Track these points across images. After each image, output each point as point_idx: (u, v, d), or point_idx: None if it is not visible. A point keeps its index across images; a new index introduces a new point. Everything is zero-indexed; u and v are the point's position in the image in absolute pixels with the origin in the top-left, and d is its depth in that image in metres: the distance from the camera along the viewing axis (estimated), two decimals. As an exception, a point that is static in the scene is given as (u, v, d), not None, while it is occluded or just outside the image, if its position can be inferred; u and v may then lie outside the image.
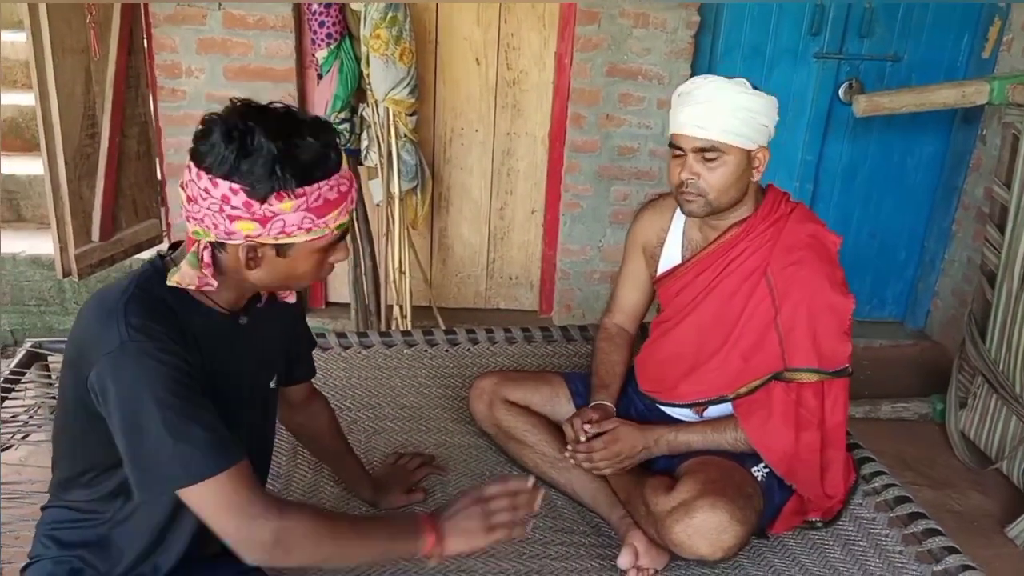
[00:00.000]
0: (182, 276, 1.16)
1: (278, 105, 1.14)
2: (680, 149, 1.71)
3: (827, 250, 1.76)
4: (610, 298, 2.12)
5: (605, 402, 1.89)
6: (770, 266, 1.74)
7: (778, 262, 1.74)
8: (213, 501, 1.13)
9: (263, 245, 1.14)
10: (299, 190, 1.09)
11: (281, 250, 1.15)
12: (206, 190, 1.09)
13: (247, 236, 1.11)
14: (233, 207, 1.09)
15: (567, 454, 1.84)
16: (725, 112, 1.66)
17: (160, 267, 1.21)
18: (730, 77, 1.71)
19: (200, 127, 1.12)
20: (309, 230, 1.13)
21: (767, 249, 1.76)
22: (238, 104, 1.12)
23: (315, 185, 1.11)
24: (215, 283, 1.18)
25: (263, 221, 1.10)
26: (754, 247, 1.77)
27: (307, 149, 1.10)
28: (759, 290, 1.75)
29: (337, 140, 1.16)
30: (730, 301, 1.78)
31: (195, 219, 1.13)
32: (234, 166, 1.08)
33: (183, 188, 1.15)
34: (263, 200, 1.09)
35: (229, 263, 1.18)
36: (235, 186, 1.08)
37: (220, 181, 1.08)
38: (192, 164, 1.12)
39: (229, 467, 1.13)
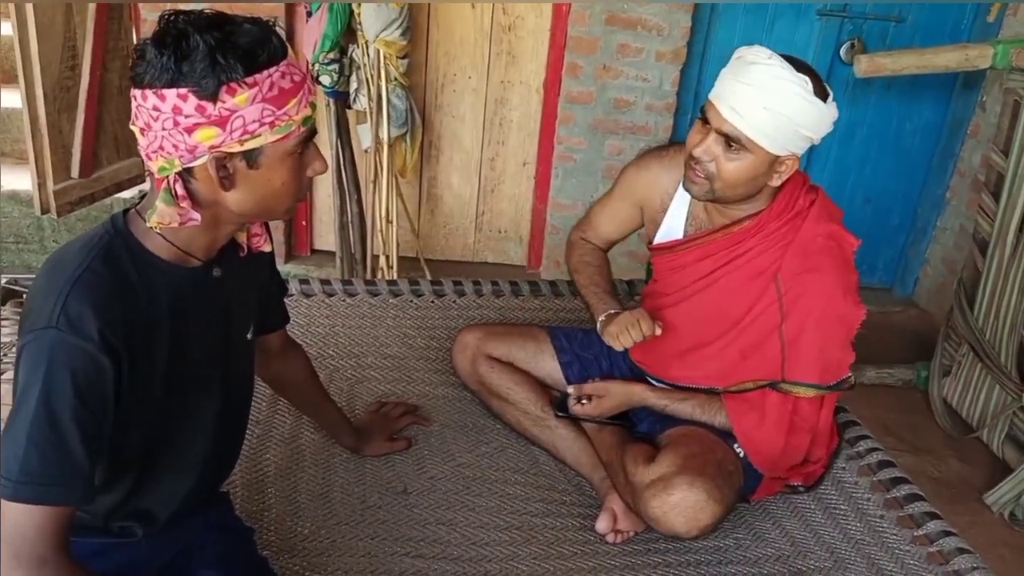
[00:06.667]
0: (160, 215, 1.09)
1: (206, 10, 1.08)
2: (707, 120, 1.55)
3: (844, 253, 1.64)
4: (585, 218, 2.01)
5: (615, 310, 1.76)
6: (782, 270, 1.63)
7: (791, 267, 1.62)
8: (8, 524, 1.04)
9: (231, 156, 1.08)
10: (249, 79, 1.04)
11: (251, 160, 1.09)
12: (155, 107, 1.03)
13: (211, 147, 1.05)
14: (187, 116, 1.03)
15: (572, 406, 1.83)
16: (767, 109, 1.48)
17: (122, 227, 1.14)
18: (799, 66, 1.48)
19: (133, 58, 1.06)
20: (273, 125, 1.07)
21: (779, 249, 1.64)
22: (164, 16, 1.06)
23: (264, 72, 1.05)
24: (198, 216, 1.11)
25: (221, 122, 1.04)
26: (765, 246, 1.65)
27: (245, 33, 1.05)
28: (767, 294, 1.64)
29: (276, 30, 1.10)
30: (734, 297, 1.69)
31: (155, 151, 1.07)
32: (176, 71, 1.02)
33: (134, 124, 1.08)
34: (214, 97, 1.02)
35: (203, 191, 1.11)
36: (182, 91, 1.02)
37: (166, 91, 1.02)
38: (135, 92, 1.05)
39: (48, 503, 1.04)
